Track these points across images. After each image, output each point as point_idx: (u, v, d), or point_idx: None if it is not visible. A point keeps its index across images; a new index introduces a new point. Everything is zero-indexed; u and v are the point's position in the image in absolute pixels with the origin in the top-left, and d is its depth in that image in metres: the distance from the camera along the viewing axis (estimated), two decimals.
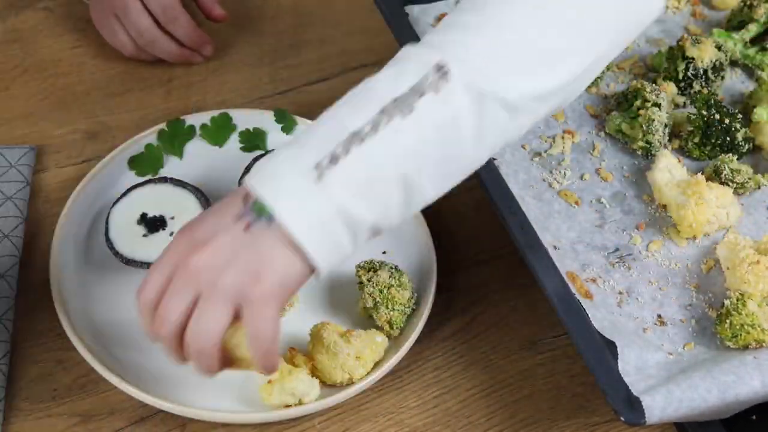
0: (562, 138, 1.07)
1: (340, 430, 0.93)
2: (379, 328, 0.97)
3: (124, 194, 1.02)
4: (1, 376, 0.92)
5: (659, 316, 0.95)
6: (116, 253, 0.98)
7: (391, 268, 0.97)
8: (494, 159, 1.00)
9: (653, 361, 0.90)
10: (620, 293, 0.96)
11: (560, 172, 1.04)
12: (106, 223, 1.00)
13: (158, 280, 0.78)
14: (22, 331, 0.97)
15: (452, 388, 0.97)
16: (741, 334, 0.91)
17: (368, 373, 0.93)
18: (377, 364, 0.94)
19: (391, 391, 0.96)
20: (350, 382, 0.93)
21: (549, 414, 0.95)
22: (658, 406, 0.84)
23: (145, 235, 0.99)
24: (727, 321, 0.92)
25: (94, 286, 0.98)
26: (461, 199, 1.09)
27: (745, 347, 0.92)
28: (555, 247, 0.96)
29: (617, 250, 0.99)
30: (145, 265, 0.97)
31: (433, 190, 0.80)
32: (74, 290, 0.97)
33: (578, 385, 0.97)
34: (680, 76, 1.09)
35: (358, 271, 0.98)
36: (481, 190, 1.00)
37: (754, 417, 0.90)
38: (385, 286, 0.96)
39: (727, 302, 0.94)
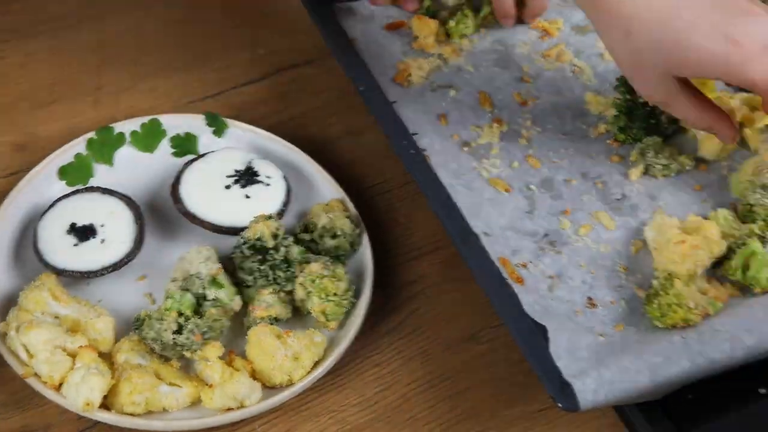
0: (491, 127, 1.09)
1: (281, 431, 0.94)
2: (317, 322, 0.98)
3: (52, 205, 1.02)
4: None
5: (590, 298, 0.97)
6: (47, 264, 0.98)
7: (326, 261, 0.99)
8: (424, 150, 1.03)
9: (584, 344, 0.91)
10: (551, 277, 0.98)
11: (489, 160, 1.06)
12: (35, 234, 1.00)
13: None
14: None
15: (393, 384, 0.98)
16: (669, 314, 0.94)
17: (308, 373, 0.94)
18: (317, 364, 0.95)
19: (332, 390, 0.97)
20: (290, 383, 0.94)
21: (490, 404, 0.97)
22: (589, 390, 0.86)
23: (75, 245, 0.99)
24: (655, 301, 0.95)
25: None
26: (396, 195, 1.11)
27: (673, 327, 0.94)
28: (486, 234, 0.97)
29: (547, 235, 1.01)
30: (78, 274, 0.97)
31: None
32: (6, 304, 0.97)
33: (518, 374, 0.98)
34: None
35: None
36: (415, 184, 1.02)
37: (690, 396, 0.93)
38: (317, 276, 0.97)
39: (655, 282, 0.96)
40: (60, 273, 0.98)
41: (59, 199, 1.03)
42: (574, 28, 1.18)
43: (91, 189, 1.03)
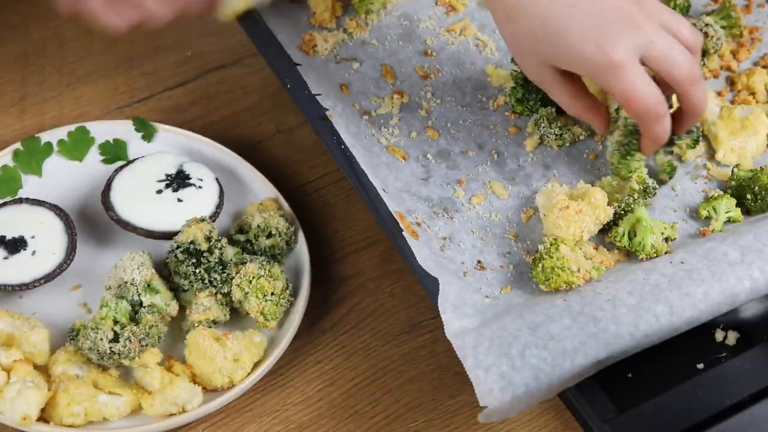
0: (392, 98, 1.11)
1: None
2: (256, 323, 0.98)
3: None
4: None
5: (479, 261, 1.00)
6: None
7: (262, 260, 0.99)
8: (327, 110, 1.04)
9: (471, 302, 0.93)
10: (443, 239, 1.01)
11: (388, 129, 1.09)
12: None
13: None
14: None
15: (335, 380, 0.98)
16: (552, 277, 0.96)
17: (248, 374, 0.94)
18: (257, 364, 0.95)
19: (275, 390, 0.97)
20: (231, 385, 0.94)
21: (433, 395, 0.98)
22: (469, 346, 0.88)
23: (6, 258, 0.99)
24: (540, 264, 0.97)
25: None
26: (330, 191, 1.11)
27: (557, 290, 0.97)
28: (384, 190, 0.99)
29: (440, 201, 1.04)
30: (9, 288, 0.97)
31: None
32: None
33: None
34: None
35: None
36: (348, 182, 1.03)
37: (629, 375, 0.95)
38: (253, 277, 0.97)
39: (540, 247, 0.99)
40: (2, 289, 0.97)
41: None
42: (480, 3, 1.19)
43: (19, 201, 1.03)
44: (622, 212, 1.02)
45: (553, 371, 0.88)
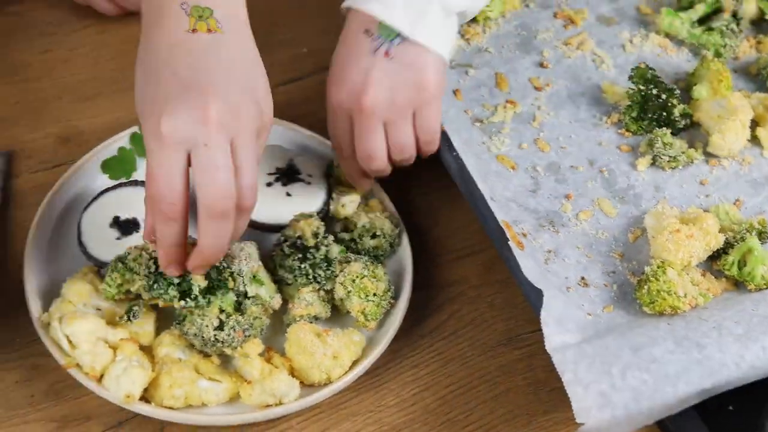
0: (504, 107, 1.11)
1: (318, 429, 0.95)
2: (356, 322, 0.99)
3: (96, 198, 1.02)
4: None
5: (583, 278, 1.00)
6: (90, 257, 0.99)
7: (366, 261, 0.99)
8: None
9: (573, 317, 0.93)
10: (548, 252, 1.01)
11: (499, 138, 1.09)
12: (79, 227, 1.00)
13: (344, 130, 0.95)
14: None
15: (430, 386, 0.98)
16: (658, 300, 0.95)
17: (346, 373, 0.95)
18: (355, 363, 0.96)
19: (370, 390, 0.98)
20: (328, 382, 0.95)
21: (527, 409, 0.98)
22: (569, 361, 0.88)
23: (118, 238, 0.99)
24: (646, 287, 0.96)
25: None
26: (437, 197, 1.11)
27: (661, 313, 0.96)
28: (492, 199, 1.00)
29: (547, 214, 1.03)
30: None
31: None
32: (49, 296, 0.97)
33: (556, 380, 0.95)
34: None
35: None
36: (456, 188, 1.03)
37: (730, 408, 0.94)
38: (357, 276, 0.97)
39: (647, 269, 0.98)
40: (102, 266, 0.98)
41: (103, 192, 1.03)
42: (599, 18, 1.20)
43: (136, 183, 1.03)
44: (733, 241, 1.01)
45: (653, 395, 0.88)
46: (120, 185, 1.04)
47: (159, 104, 0.82)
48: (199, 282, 0.93)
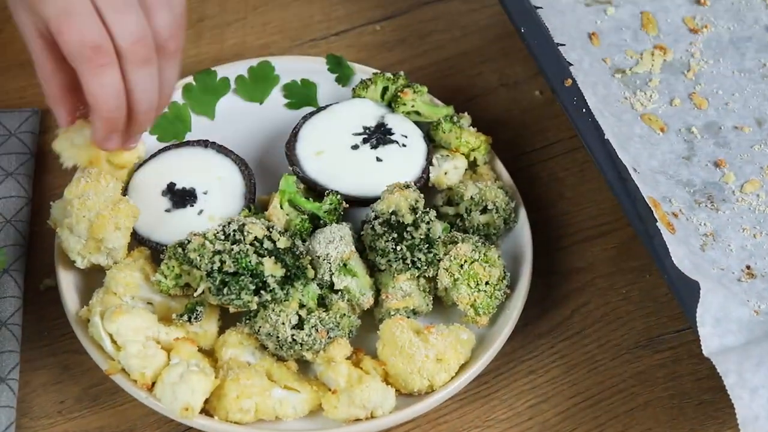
0: (652, 54, 1.08)
1: None
2: (464, 317, 0.96)
3: (152, 157, 1.01)
4: (10, 395, 0.92)
5: (748, 267, 0.96)
6: (137, 236, 0.97)
7: (477, 241, 0.97)
8: (570, 64, 1.01)
9: (736, 315, 0.89)
10: (706, 235, 0.97)
11: (645, 93, 1.05)
12: (125, 191, 0.98)
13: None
14: (22, 331, 0.97)
15: (550, 396, 0.96)
16: None
17: (452, 379, 0.93)
18: (462, 368, 0.93)
19: (477, 400, 0.96)
20: (430, 390, 0.92)
21: (670, 426, 0.95)
22: (732, 361, 0.85)
23: (168, 210, 0.98)
24: None
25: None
26: (561, 163, 1.09)
27: None
28: (634, 170, 0.95)
29: (704, 187, 1.00)
30: (162, 247, 0.95)
31: None
32: (89, 285, 0.96)
33: (705, 391, 0.95)
34: None
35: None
36: (584, 151, 1.00)
37: None
38: (466, 260, 0.95)
39: None
40: (142, 242, 0.97)
41: (161, 151, 1.02)
42: None
43: (203, 143, 1.01)
44: None
45: None
46: (178, 146, 1.02)
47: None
48: (273, 271, 0.90)
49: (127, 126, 0.91)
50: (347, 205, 0.98)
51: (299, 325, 0.92)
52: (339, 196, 0.96)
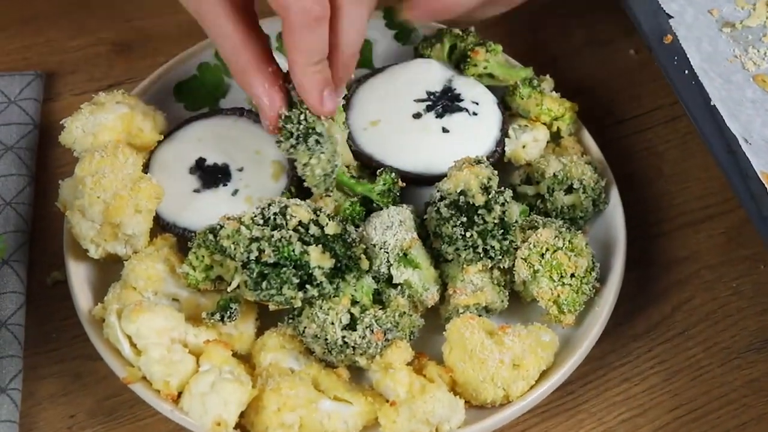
0: (767, 5, 1.06)
1: None
2: (545, 315, 0.93)
3: (177, 129, 0.99)
4: (12, 407, 0.89)
5: None
6: (160, 220, 0.95)
7: (561, 226, 0.95)
8: (670, 17, 0.98)
9: None
10: None
11: (759, 50, 1.02)
12: (146, 169, 0.97)
13: None
14: (26, 333, 0.95)
15: (648, 409, 0.94)
16: None
17: (531, 388, 0.90)
18: (544, 375, 0.91)
19: (561, 414, 0.93)
20: (505, 401, 0.90)
21: None
22: None
23: (197, 191, 0.95)
24: None
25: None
26: (659, 134, 1.08)
27: None
28: (745, 140, 0.92)
29: None
30: (190, 233, 0.93)
31: None
32: (98, 275, 0.94)
33: None
34: None
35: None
36: (687, 119, 0.97)
37: None
38: (548, 249, 0.92)
39: None
40: (166, 228, 0.94)
41: (189, 120, 0.99)
42: None
43: (237, 112, 0.99)
44: None
45: None
46: (208, 115, 1.00)
47: None
48: (321, 262, 0.87)
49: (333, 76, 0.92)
50: (404, 185, 0.96)
51: (351, 326, 0.89)
52: (393, 175, 0.92)
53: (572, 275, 0.92)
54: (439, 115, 0.99)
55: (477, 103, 1.00)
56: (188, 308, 0.91)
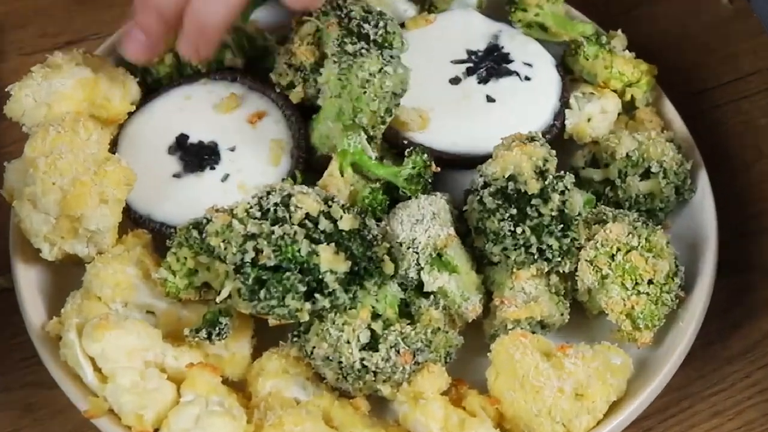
0: None
1: None
2: (616, 332, 0.90)
3: (153, 97, 0.96)
4: None
5: None
6: (131, 212, 0.91)
7: (635, 220, 0.92)
8: None
9: None
10: None
11: None
12: (114, 147, 0.94)
13: None
14: None
15: None
16: None
17: (598, 424, 0.87)
18: (614, 407, 0.87)
19: None
20: None
21: None
22: None
23: (177, 175, 0.91)
24: None
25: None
26: (759, 104, 1.05)
27: None
28: None
29: None
30: (168, 229, 0.90)
31: None
32: (54, 282, 0.91)
33: None
34: None
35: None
36: None
37: None
38: (618, 248, 0.90)
39: None
40: (139, 223, 0.91)
41: (159, 92, 0.96)
42: None
43: (230, 77, 0.96)
44: None
45: None
46: (192, 79, 0.96)
47: None
48: (333, 265, 0.83)
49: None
50: (438, 168, 0.92)
51: (372, 345, 0.85)
52: (425, 156, 0.87)
53: (650, 282, 0.89)
54: (483, 80, 0.95)
55: (530, 65, 0.96)
56: (166, 323, 0.88)
